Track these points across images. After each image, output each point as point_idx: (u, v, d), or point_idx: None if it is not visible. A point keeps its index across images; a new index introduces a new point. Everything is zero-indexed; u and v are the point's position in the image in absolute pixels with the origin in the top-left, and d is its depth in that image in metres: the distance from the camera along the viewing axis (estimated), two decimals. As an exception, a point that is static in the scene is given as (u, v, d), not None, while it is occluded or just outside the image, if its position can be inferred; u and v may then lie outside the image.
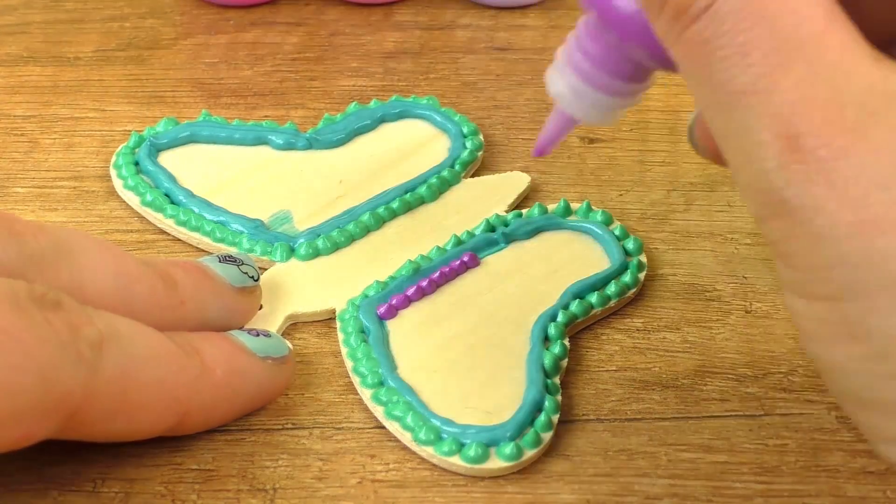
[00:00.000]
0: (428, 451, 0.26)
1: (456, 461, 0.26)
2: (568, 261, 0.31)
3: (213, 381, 0.25)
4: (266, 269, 0.31)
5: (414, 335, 0.29)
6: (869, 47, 0.19)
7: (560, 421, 0.27)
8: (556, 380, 0.28)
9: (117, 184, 0.34)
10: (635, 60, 0.22)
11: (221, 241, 0.32)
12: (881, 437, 0.18)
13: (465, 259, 0.31)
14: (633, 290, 0.31)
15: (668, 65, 0.21)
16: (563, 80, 0.24)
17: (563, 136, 0.25)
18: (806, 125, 0.18)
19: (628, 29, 0.22)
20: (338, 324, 0.30)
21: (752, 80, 0.18)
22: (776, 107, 0.18)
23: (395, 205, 0.33)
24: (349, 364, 0.28)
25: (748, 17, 0.19)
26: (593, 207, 0.33)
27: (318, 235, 0.32)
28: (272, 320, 0.30)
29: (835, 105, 0.18)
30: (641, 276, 0.31)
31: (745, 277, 0.31)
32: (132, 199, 0.33)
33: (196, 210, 0.33)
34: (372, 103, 0.37)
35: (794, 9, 0.19)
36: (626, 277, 0.31)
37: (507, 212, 0.33)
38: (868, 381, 0.18)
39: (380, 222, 0.33)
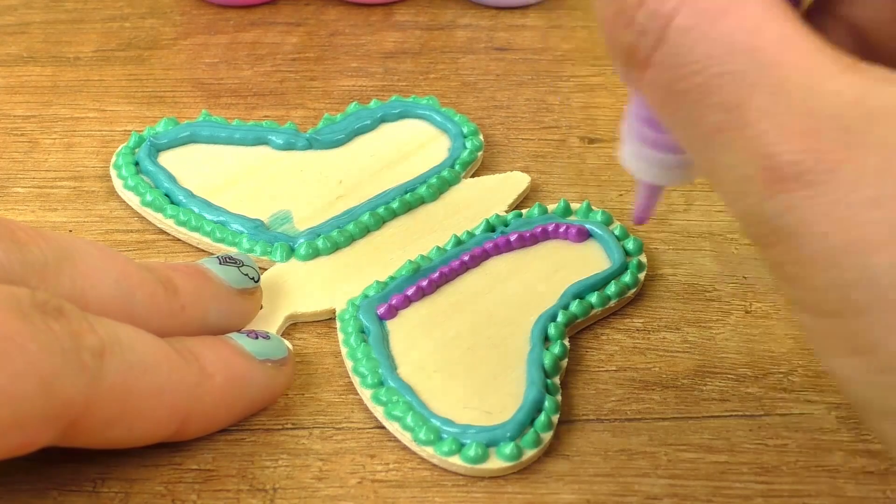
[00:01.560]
0: (428, 451, 0.26)
1: (456, 461, 0.26)
2: (568, 261, 0.31)
3: (212, 388, 0.25)
4: (266, 269, 0.31)
5: (414, 335, 0.29)
6: (838, 56, 0.18)
7: (560, 421, 0.27)
8: (556, 380, 0.28)
9: (117, 184, 0.34)
10: None
11: (221, 241, 0.32)
12: None
13: (466, 259, 0.31)
14: (633, 291, 0.31)
15: None
16: (629, 152, 0.24)
17: (655, 201, 0.25)
18: (787, 154, 0.18)
19: None
20: (338, 324, 0.30)
21: (722, 117, 0.18)
22: (753, 140, 0.18)
23: (395, 205, 0.33)
24: (349, 364, 0.28)
25: (700, 54, 0.18)
26: (593, 207, 0.33)
27: (318, 235, 0.32)
28: (272, 320, 0.30)
29: (812, 128, 0.18)
30: (641, 276, 0.31)
31: (744, 277, 0.31)
32: (132, 200, 0.33)
33: (196, 210, 0.33)
34: (372, 103, 0.37)
35: (748, 31, 0.18)
36: (626, 277, 0.31)
37: (507, 212, 0.33)
38: (879, 392, 0.18)
39: (380, 222, 0.33)
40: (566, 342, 0.29)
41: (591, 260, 0.31)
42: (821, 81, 0.18)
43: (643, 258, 0.31)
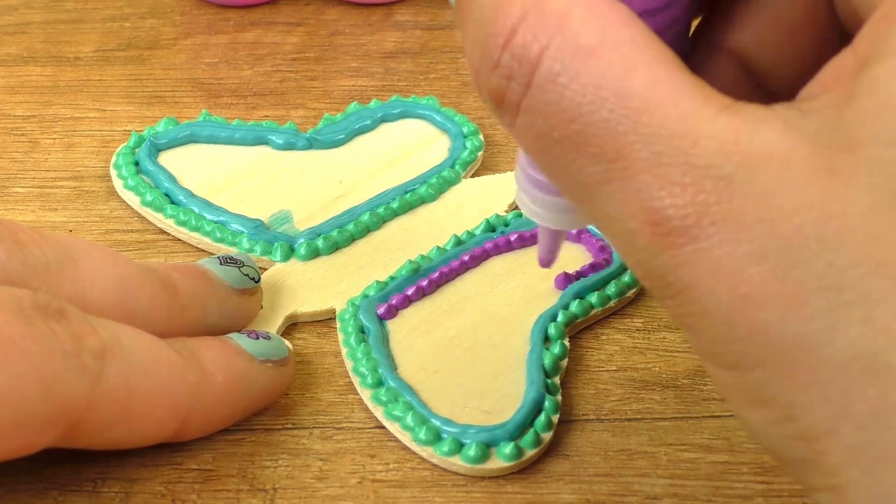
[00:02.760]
0: (428, 451, 0.26)
1: (456, 461, 0.26)
2: (568, 260, 0.31)
3: (213, 388, 0.25)
4: (266, 269, 0.31)
5: (414, 335, 0.29)
6: (712, 96, 0.17)
7: (560, 421, 0.27)
8: (556, 380, 0.28)
9: (117, 184, 0.34)
10: None
11: (221, 241, 0.32)
12: (810, 488, 0.18)
13: (466, 259, 0.31)
14: (633, 290, 0.31)
15: None
16: (522, 197, 0.23)
17: (558, 245, 0.25)
18: (670, 207, 0.17)
19: None
20: (338, 324, 0.30)
21: (602, 168, 0.17)
22: (634, 193, 0.17)
23: (395, 205, 0.33)
24: (349, 364, 0.28)
25: (570, 101, 0.17)
26: (593, 207, 0.33)
27: (318, 235, 0.32)
28: (272, 320, 0.30)
29: (693, 179, 0.17)
30: (641, 276, 0.31)
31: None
32: (132, 199, 0.33)
33: (196, 210, 0.33)
34: (372, 103, 0.37)
35: (617, 75, 0.17)
36: (626, 277, 0.31)
37: (507, 212, 0.33)
38: (779, 442, 0.18)
39: (380, 222, 0.33)
40: (566, 342, 0.29)
41: (591, 260, 0.31)
42: (696, 126, 0.17)
43: (643, 258, 0.31)
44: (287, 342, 0.28)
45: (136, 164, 0.34)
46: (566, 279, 0.30)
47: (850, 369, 0.16)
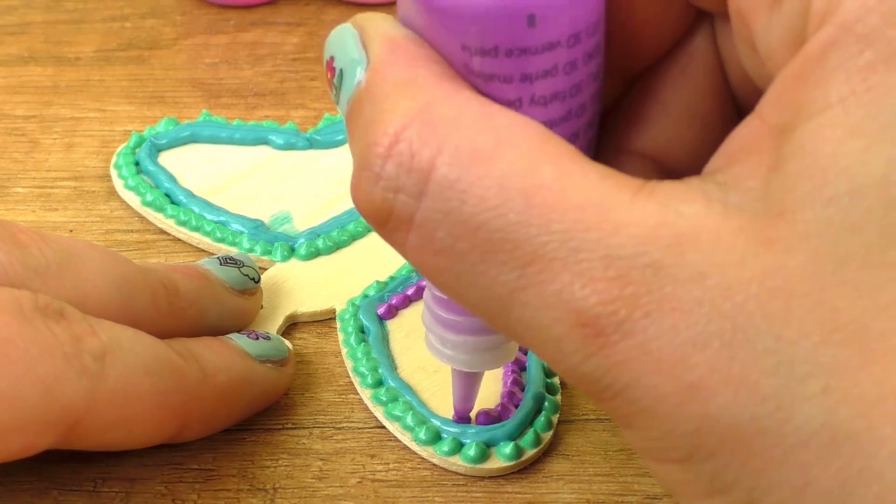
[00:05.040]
0: (428, 451, 0.26)
1: (456, 461, 0.26)
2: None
3: (212, 389, 0.25)
4: (266, 269, 0.31)
5: (414, 335, 0.29)
6: (624, 181, 0.16)
7: (560, 421, 0.27)
8: (556, 380, 0.28)
9: (118, 184, 0.34)
10: None
11: (221, 241, 0.32)
12: None
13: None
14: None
15: None
16: (432, 339, 0.22)
17: (474, 390, 0.24)
18: (597, 306, 0.16)
19: None
20: (338, 324, 0.30)
21: (516, 275, 0.16)
22: (555, 295, 0.16)
23: (395, 205, 0.33)
24: (349, 364, 0.28)
25: (473, 207, 0.16)
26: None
27: (318, 235, 0.32)
28: (272, 320, 0.30)
29: (618, 271, 0.16)
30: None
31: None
32: (132, 200, 0.33)
33: (196, 210, 0.33)
34: (372, 103, 0.37)
35: (520, 174, 0.16)
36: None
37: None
38: None
39: (380, 222, 0.33)
40: (566, 342, 0.29)
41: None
42: (613, 215, 0.16)
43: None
44: (287, 342, 0.28)
45: (137, 164, 0.34)
46: None
47: (809, 445, 0.15)
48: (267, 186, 0.34)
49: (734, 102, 0.21)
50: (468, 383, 0.25)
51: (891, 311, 0.15)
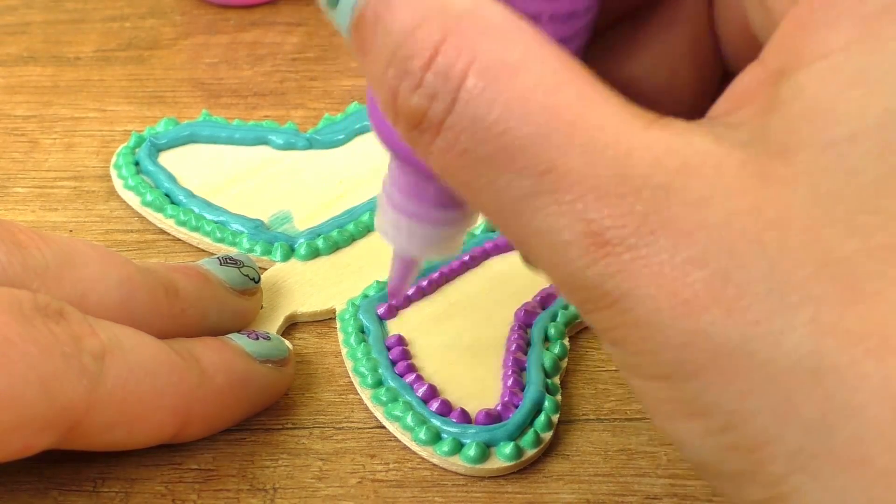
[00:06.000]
0: (428, 451, 0.26)
1: (456, 461, 0.26)
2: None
3: (212, 390, 0.25)
4: (266, 269, 0.31)
5: (414, 335, 0.29)
6: (639, 112, 0.17)
7: (560, 421, 0.27)
8: (556, 380, 0.28)
9: (117, 184, 0.34)
10: (443, 185, 0.19)
11: (221, 241, 0.32)
12: (746, 503, 0.17)
13: (466, 259, 0.31)
14: (633, 290, 0.31)
15: None
16: (388, 222, 0.22)
17: (410, 276, 0.24)
18: (606, 218, 0.17)
19: (406, 154, 0.20)
20: (338, 324, 0.30)
21: (533, 182, 0.17)
22: (568, 205, 0.17)
23: (395, 205, 0.33)
24: (349, 364, 0.28)
25: (498, 117, 0.17)
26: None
27: (318, 235, 0.32)
28: (272, 320, 0.30)
29: (628, 189, 0.17)
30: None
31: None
32: (132, 199, 0.33)
33: (196, 210, 0.33)
34: (372, 103, 0.37)
35: (545, 91, 0.17)
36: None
37: (507, 212, 0.33)
38: (714, 454, 0.17)
39: (380, 222, 0.33)
40: (566, 342, 0.29)
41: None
42: (629, 139, 0.17)
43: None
44: (287, 342, 0.28)
45: (137, 164, 0.34)
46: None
47: (795, 372, 0.16)
48: (267, 186, 0.34)
49: (719, 60, 0.21)
50: (408, 269, 0.24)
51: (880, 253, 0.16)
